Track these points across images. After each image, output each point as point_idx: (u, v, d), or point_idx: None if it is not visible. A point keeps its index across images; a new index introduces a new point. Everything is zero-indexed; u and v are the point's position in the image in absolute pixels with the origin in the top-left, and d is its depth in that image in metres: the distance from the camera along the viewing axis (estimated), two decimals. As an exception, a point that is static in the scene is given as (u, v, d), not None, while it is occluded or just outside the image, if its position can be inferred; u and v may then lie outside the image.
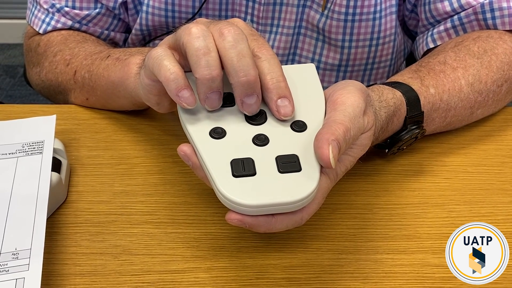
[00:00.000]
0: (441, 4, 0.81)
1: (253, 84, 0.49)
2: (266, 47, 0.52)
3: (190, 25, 0.50)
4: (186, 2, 0.84)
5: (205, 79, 0.49)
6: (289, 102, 0.51)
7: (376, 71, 0.92)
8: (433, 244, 0.57)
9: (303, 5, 0.84)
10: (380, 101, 0.60)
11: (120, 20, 0.90)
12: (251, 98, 0.50)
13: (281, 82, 0.51)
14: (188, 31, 0.50)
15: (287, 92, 0.51)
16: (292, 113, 0.51)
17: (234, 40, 0.49)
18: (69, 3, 0.86)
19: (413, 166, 0.67)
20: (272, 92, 0.50)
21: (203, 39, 0.49)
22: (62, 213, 0.60)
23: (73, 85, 0.76)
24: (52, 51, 0.82)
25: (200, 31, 0.49)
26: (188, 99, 0.50)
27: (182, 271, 0.54)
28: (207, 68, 0.48)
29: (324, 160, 0.47)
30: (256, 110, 0.51)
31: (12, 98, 2.43)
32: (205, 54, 0.49)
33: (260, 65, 0.51)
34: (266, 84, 0.50)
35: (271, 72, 0.50)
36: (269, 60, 0.51)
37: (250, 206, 0.45)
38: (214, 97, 0.50)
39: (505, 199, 0.63)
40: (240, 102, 0.50)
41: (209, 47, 0.49)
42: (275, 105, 0.51)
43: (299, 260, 0.55)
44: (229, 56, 0.49)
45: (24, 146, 0.62)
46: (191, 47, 0.49)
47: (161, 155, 0.67)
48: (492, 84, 0.71)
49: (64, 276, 0.53)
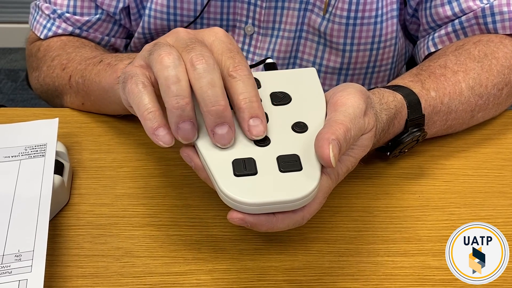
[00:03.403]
0: (442, 8, 0.82)
1: (222, 113, 0.48)
2: (242, 66, 0.51)
3: (162, 52, 0.49)
4: (188, 6, 0.84)
5: (173, 108, 0.48)
6: (261, 122, 0.50)
7: (377, 74, 0.92)
8: (434, 247, 0.57)
9: (304, 9, 0.85)
10: (381, 103, 0.60)
11: (121, 26, 0.90)
12: (222, 128, 0.49)
13: (254, 102, 0.50)
14: (160, 59, 0.49)
15: (260, 112, 0.50)
16: (264, 133, 0.50)
17: (204, 70, 0.48)
18: (70, 9, 0.86)
19: (414, 169, 0.67)
20: (244, 112, 0.50)
21: (173, 68, 0.48)
22: (64, 216, 0.60)
23: (69, 90, 0.77)
24: (50, 56, 0.83)
25: (171, 61, 0.48)
26: (164, 137, 0.49)
27: (184, 273, 0.54)
28: (175, 97, 0.48)
29: (324, 159, 0.47)
30: (229, 141, 0.49)
31: (14, 102, 2.43)
32: (174, 83, 0.48)
33: (234, 85, 0.50)
34: (239, 103, 0.50)
35: (244, 92, 0.50)
36: (243, 80, 0.50)
37: (252, 204, 0.46)
38: (186, 127, 0.49)
39: (505, 202, 0.63)
40: (212, 133, 0.49)
41: (179, 76, 0.48)
42: (247, 124, 0.50)
43: (300, 262, 0.55)
44: (199, 85, 0.48)
45: (27, 149, 0.62)
46: (162, 76, 0.48)
47: (162, 158, 0.67)
48: (492, 88, 0.71)
49: (67, 278, 0.53)
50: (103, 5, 0.86)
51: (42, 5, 0.87)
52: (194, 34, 0.53)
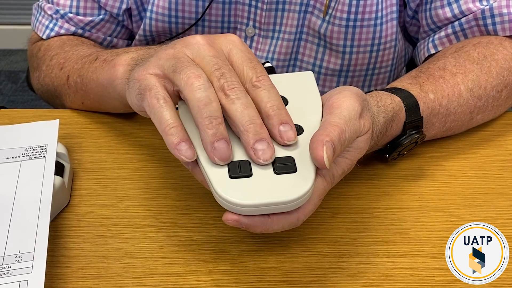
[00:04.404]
0: (442, 10, 0.82)
1: (260, 130, 0.49)
2: (264, 76, 0.52)
3: (191, 74, 0.50)
4: (190, 8, 0.84)
5: (208, 128, 0.48)
6: (290, 127, 0.51)
7: (376, 76, 0.92)
8: (433, 248, 0.57)
9: (304, 11, 0.85)
10: (378, 106, 0.60)
11: (124, 27, 0.91)
12: (261, 143, 0.49)
13: (281, 110, 0.51)
14: (189, 82, 0.49)
15: (288, 118, 0.51)
16: (295, 138, 0.51)
17: (237, 98, 0.49)
18: (73, 10, 0.86)
19: (413, 171, 0.67)
20: (274, 119, 0.50)
21: (204, 90, 0.49)
22: (65, 217, 0.60)
23: (67, 90, 0.77)
24: (49, 55, 0.83)
25: (202, 84, 0.49)
26: (186, 152, 0.49)
27: (184, 274, 0.54)
28: (209, 117, 0.48)
29: (318, 161, 0.48)
30: (270, 157, 0.49)
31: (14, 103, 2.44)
32: (207, 105, 0.49)
33: (259, 94, 0.51)
34: (267, 111, 0.50)
35: (271, 100, 0.51)
36: (268, 89, 0.51)
37: (245, 205, 0.46)
38: (222, 145, 0.49)
39: (504, 203, 0.63)
40: (252, 151, 0.49)
41: (211, 98, 0.49)
42: (278, 130, 0.50)
43: (300, 264, 0.56)
44: (234, 108, 0.49)
45: (28, 150, 0.62)
46: (193, 98, 0.49)
47: (163, 160, 0.68)
48: (491, 90, 0.72)
49: (67, 279, 0.53)
50: (106, 6, 0.87)
51: (44, 6, 0.87)
52: (212, 44, 0.53)
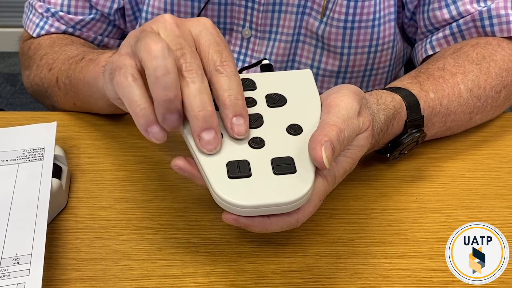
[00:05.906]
0: (440, 11, 0.82)
1: (209, 118, 0.48)
2: (229, 62, 0.50)
3: (150, 41, 0.47)
4: (185, 9, 0.84)
5: (162, 100, 0.47)
6: (244, 121, 0.50)
7: (374, 77, 0.92)
8: (431, 249, 0.57)
9: (302, 12, 0.85)
10: (379, 104, 0.60)
11: (115, 26, 0.91)
12: (208, 133, 0.48)
13: (239, 100, 0.49)
14: (148, 48, 0.47)
15: (244, 111, 0.50)
16: (246, 133, 0.50)
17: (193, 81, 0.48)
18: (64, 8, 0.86)
19: (411, 171, 0.67)
20: (229, 109, 0.49)
21: (162, 59, 0.46)
22: (62, 219, 0.60)
23: (58, 92, 0.77)
24: (39, 54, 0.83)
25: (159, 50, 0.46)
26: (157, 135, 0.48)
27: (182, 276, 0.54)
28: (164, 89, 0.46)
29: (317, 161, 0.47)
30: (215, 146, 0.49)
31: (13, 106, 2.44)
32: (163, 75, 0.46)
33: (220, 80, 0.49)
34: (224, 100, 0.49)
35: (229, 89, 0.49)
36: (230, 76, 0.49)
37: (244, 206, 0.46)
38: (173, 118, 0.48)
39: (502, 204, 0.63)
40: (198, 139, 0.49)
41: (168, 67, 0.46)
42: (230, 122, 0.49)
43: (297, 265, 0.56)
44: (187, 91, 0.48)
45: (25, 152, 0.62)
46: (150, 66, 0.47)
47: (160, 162, 0.68)
48: (490, 90, 0.72)
49: (65, 281, 0.53)
50: (97, 5, 0.86)
51: (35, 4, 0.87)
52: (181, 25, 0.51)
